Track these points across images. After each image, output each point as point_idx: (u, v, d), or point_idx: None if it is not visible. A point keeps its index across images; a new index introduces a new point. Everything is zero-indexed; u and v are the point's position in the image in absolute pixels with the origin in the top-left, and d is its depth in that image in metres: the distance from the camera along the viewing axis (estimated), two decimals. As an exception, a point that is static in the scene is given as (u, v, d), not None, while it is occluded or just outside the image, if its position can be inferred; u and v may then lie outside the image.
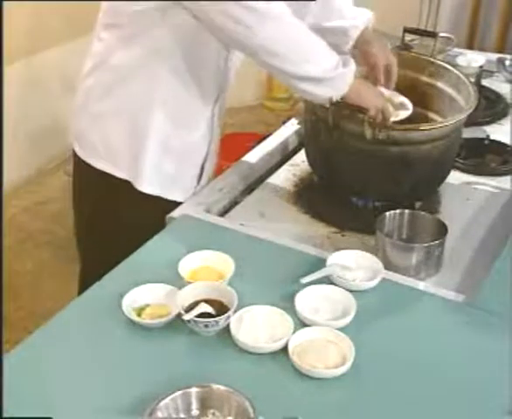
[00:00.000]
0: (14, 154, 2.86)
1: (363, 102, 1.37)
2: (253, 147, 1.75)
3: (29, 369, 1.06)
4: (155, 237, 1.35)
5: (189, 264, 1.23)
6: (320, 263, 1.26)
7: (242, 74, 1.59)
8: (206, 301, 1.14)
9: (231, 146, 2.48)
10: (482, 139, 1.75)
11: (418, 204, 1.50)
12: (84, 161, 1.52)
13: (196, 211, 1.45)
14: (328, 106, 1.36)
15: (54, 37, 3.12)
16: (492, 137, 1.76)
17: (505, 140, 1.74)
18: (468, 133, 1.65)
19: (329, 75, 1.33)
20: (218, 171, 1.67)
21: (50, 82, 3.21)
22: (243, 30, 1.27)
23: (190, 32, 1.37)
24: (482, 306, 1.19)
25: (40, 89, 3.17)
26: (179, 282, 1.19)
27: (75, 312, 1.19)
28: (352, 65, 1.36)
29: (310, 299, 1.17)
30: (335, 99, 1.35)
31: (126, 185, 1.48)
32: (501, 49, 3.46)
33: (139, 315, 1.14)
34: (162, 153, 1.47)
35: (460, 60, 2.03)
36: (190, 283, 1.18)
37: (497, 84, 2.03)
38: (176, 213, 1.44)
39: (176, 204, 1.48)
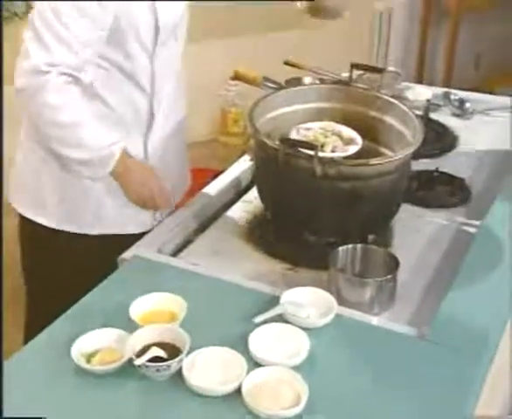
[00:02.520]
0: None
1: (128, 188, 1.51)
2: (207, 183, 1.74)
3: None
4: (106, 280, 1.33)
5: (140, 307, 1.21)
6: (274, 300, 1.26)
7: (195, 110, 1.60)
8: (158, 344, 1.12)
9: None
10: (432, 171, 1.78)
11: (370, 237, 1.50)
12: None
13: (147, 252, 1.43)
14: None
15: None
16: (441, 169, 1.79)
17: (453, 171, 1.77)
18: (418, 165, 1.68)
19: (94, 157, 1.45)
20: (172, 208, 1.66)
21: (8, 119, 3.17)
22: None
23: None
24: (435, 340, 1.20)
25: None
26: (130, 326, 1.16)
27: (23, 361, 1.15)
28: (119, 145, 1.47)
29: (264, 339, 1.16)
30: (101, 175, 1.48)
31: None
32: (447, 84, 3.56)
33: (89, 362, 1.12)
34: (61, 191, 1.53)
35: (409, 94, 2.07)
36: (141, 326, 1.16)
37: (444, 117, 2.07)
38: (127, 254, 1.41)
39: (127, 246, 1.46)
